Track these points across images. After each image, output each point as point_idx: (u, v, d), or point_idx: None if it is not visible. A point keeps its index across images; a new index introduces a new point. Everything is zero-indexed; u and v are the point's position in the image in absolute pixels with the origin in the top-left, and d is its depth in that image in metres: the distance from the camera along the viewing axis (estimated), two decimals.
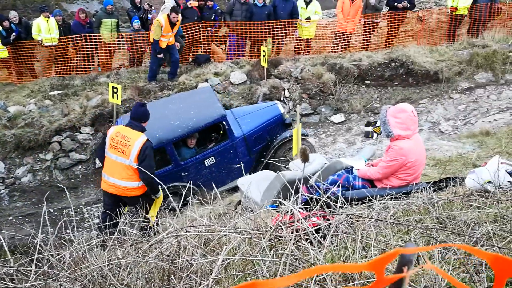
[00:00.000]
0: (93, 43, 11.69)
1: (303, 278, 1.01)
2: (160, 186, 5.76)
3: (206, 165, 7.79)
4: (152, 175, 5.31)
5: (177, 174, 7.63)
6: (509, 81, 10.68)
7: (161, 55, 10.79)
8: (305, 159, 3.55)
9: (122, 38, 12.15)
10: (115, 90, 9.41)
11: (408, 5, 12.20)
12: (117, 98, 9.49)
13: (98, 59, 12.13)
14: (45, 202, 3.77)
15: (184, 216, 4.03)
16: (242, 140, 8.09)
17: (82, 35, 11.59)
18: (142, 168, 5.45)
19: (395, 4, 12.14)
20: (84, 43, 11.65)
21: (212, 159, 7.80)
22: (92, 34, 11.67)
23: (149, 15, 12.18)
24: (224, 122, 7.72)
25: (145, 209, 5.42)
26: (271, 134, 8.44)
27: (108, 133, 5.98)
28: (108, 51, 12.05)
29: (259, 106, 9.08)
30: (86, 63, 12.04)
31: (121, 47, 12.44)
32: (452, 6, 12.27)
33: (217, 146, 7.84)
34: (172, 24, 10.37)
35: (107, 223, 4.45)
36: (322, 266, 1.15)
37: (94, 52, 11.94)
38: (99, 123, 10.23)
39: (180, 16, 10.55)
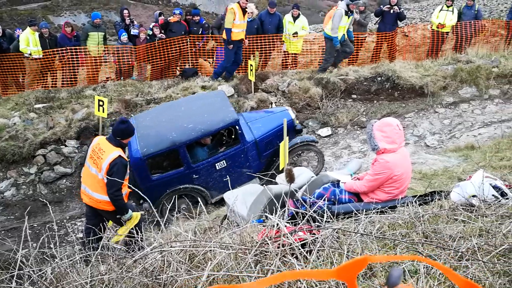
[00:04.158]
0: (80, 56, 11.64)
1: (267, 285, 0.97)
2: (135, 208, 5.73)
3: (217, 168, 7.85)
4: (116, 194, 5.35)
5: (188, 177, 7.70)
6: (492, 96, 10.84)
7: (231, 46, 10.79)
8: (290, 180, 3.52)
9: (109, 51, 12.12)
10: (101, 103, 9.34)
11: (399, 10, 12.33)
12: (103, 111, 9.42)
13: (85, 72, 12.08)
14: (26, 217, 3.70)
15: (169, 230, 3.98)
16: (253, 144, 8.15)
17: (68, 48, 11.54)
18: (107, 183, 5.44)
19: (384, 8, 12.26)
20: (70, 56, 11.59)
21: (223, 162, 7.86)
22: (78, 47, 11.63)
23: (132, 30, 12.18)
24: (236, 126, 7.77)
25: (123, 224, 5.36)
26: (282, 139, 8.42)
27: (92, 143, 5.94)
28: (94, 64, 12.00)
29: (270, 111, 9.14)
30: (72, 76, 11.97)
31: (108, 60, 12.39)
32: (440, 24, 12.49)
33: (229, 150, 7.90)
34: (244, 11, 10.58)
35: (90, 238, 4.38)
36: (286, 272, 1.13)
37: (81, 65, 11.88)
38: (84, 136, 10.13)
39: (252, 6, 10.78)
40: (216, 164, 7.82)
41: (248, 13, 10.80)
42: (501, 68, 11.21)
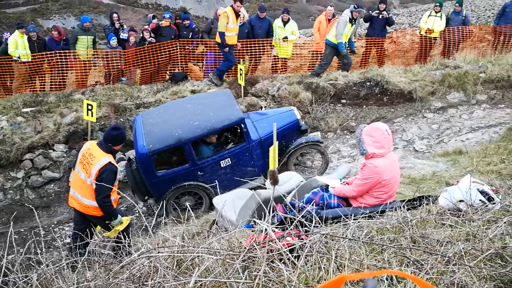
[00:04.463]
0: (68, 60, 11.57)
1: None
2: (123, 213, 5.73)
3: (222, 166, 7.90)
4: (105, 201, 5.34)
5: (193, 174, 7.76)
6: (480, 101, 10.95)
7: (227, 49, 10.89)
8: (274, 181, 3.53)
9: (98, 55, 12.06)
10: (90, 107, 9.28)
11: (388, 15, 12.45)
12: (92, 116, 9.36)
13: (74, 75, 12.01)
14: (12, 222, 3.66)
15: (157, 235, 3.95)
16: (258, 143, 8.20)
17: (57, 51, 11.46)
18: (96, 189, 5.42)
19: (373, 14, 12.36)
20: (58, 60, 11.51)
21: (228, 160, 7.91)
22: (67, 51, 11.56)
23: (121, 34, 12.14)
24: (242, 125, 7.83)
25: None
26: (287, 139, 8.60)
27: (82, 147, 5.91)
28: (84, 67, 11.93)
29: (276, 111, 9.22)
30: (61, 80, 11.89)
31: (97, 64, 12.33)
32: (428, 29, 12.62)
33: (234, 148, 7.96)
34: (237, 14, 10.67)
35: (77, 243, 4.34)
36: None
37: (70, 68, 11.81)
38: (73, 141, 10.04)
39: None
40: (221, 162, 7.88)
41: (240, 17, 10.84)
42: (488, 74, 11.33)
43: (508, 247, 2.73)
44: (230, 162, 7.92)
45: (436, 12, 12.62)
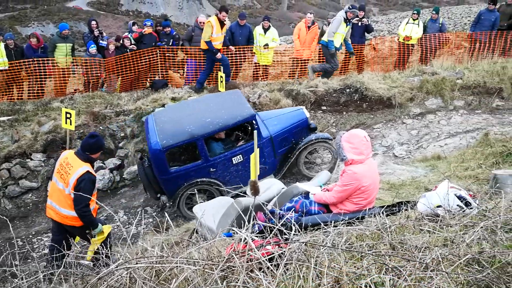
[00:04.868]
0: (47, 68, 11.41)
1: None
2: (103, 222, 5.66)
3: (234, 162, 8.04)
4: (84, 210, 5.28)
5: (205, 170, 7.93)
6: (457, 107, 11.14)
7: (219, 55, 10.91)
8: (255, 192, 3.52)
9: (77, 62, 11.92)
10: (68, 115, 9.17)
11: (367, 22, 12.60)
12: (71, 124, 9.24)
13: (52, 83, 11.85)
14: None
15: (136, 246, 3.90)
16: (269, 140, 8.42)
17: (35, 59, 11.30)
18: (75, 199, 5.34)
19: (352, 21, 12.49)
20: (36, 67, 11.35)
21: (240, 157, 8.07)
22: (45, 58, 11.40)
23: (100, 41, 12.04)
24: (254, 121, 7.99)
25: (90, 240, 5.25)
26: (296, 137, 8.80)
27: (60, 157, 5.81)
28: (62, 75, 11.78)
29: (286, 110, 9.41)
30: (39, 88, 11.72)
31: (76, 72, 12.19)
32: (406, 36, 12.83)
33: (246, 145, 8.10)
34: (222, 24, 10.66)
35: (54, 255, 4.25)
36: None
37: (48, 76, 11.65)
38: (51, 149, 9.89)
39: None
40: (233, 158, 8.02)
41: (225, 26, 10.87)
42: (465, 80, 11.55)
43: (484, 251, 2.77)
44: (242, 159, 8.08)
45: (414, 20, 12.84)
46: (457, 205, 3.79)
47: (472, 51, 13.24)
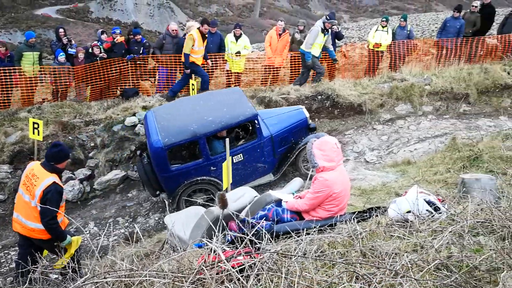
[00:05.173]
0: (13, 77, 11.13)
1: None
2: (72, 234, 5.52)
3: (234, 161, 7.96)
4: (51, 223, 5.14)
5: (206, 168, 7.91)
6: (426, 113, 11.38)
7: (188, 71, 10.79)
8: (223, 205, 3.49)
9: (45, 71, 11.67)
10: (36, 125, 8.94)
11: (338, 29, 12.75)
12: (39, 134, 9.02)
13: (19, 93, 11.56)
14: None
15: (104, 259, 3.82)
16: (269, 140, 8.42)
17: (0, 68, 11.00)
18: (41, 212, 5.19)
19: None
20: (2, 77, 11.05)
21: (240, 156, 8.06)
22: (11, 67, 11.12)
23: (69, 50, 11.84)
24: (255, 121, 7.98)
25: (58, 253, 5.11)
26: (296, 137, 8.80)
27: (25, 168, 5.65)
28: (30, 84, 11.51)
29: (285, 109, 9.42)
30: (5, 98, 11.42)
31: (44, 81, 11.93)
32: (376, 43, 13.05)
33: (247, 144, 8.10)
34: (204, 37, 10.60)
35: (21, 270, 4.12)
36: None
37: (14, 85, 11.36)
38: (18, 161, 9.63)
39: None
40: (233, 157, 7.96)
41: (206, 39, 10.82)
42: (433, 86, 11.82)
43: (453, 256, 2.81)
44: (242, 158, 8.07)
45: (383, 27, 13.08)
46: (427, 210, 3.85)
47: (439, 57, 13.55)
